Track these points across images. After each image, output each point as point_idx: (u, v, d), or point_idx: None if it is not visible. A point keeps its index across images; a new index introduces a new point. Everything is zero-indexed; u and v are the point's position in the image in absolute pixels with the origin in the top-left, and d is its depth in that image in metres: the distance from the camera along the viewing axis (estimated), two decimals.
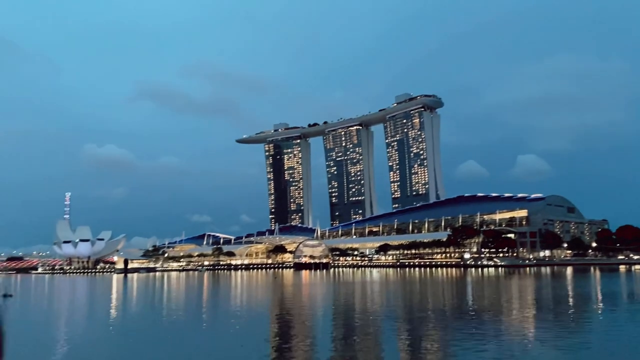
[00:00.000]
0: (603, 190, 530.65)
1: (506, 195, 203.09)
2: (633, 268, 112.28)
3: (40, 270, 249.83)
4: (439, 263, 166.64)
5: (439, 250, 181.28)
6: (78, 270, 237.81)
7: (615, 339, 18.08)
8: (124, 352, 17.35)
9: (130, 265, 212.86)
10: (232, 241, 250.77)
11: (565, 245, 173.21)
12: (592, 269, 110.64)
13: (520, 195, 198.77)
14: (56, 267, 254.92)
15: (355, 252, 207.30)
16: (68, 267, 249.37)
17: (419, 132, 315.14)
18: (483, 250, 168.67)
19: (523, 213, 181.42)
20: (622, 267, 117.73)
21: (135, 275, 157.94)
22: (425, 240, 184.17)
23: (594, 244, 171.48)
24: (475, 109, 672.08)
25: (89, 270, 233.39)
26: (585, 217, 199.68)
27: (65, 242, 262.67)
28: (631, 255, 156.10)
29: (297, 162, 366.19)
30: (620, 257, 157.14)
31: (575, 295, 39.86)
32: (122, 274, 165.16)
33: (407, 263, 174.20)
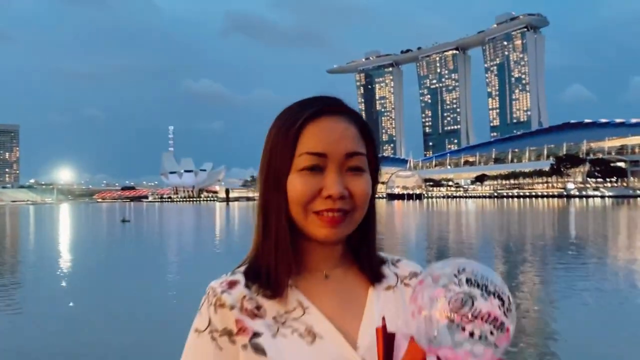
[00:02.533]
0: None
1: (617, 121, 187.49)
2: None
3: (150, 199, 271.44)
4: (539, 194, 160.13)
5: (540, 181, 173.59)
6: (184, 199, 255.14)
7: None
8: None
9: (231, 195, 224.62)
10: None
11: None
12: None
13: (634, 120, 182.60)
14: (164, 196, 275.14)
15: (450, 183, 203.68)
16: (175, 196, 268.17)
17: (521, 55, 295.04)
18: (589, 180, 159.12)
19: (636, 140, 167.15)
20: None
21: (236, 203, 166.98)
22: (525, 170, 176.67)
23: None
24: (584, 26, 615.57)
25: (194, 199, 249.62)
26: None
27: (171, 172, 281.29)
28: None
29: (389, 91, 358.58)
30: None
31: None
32: (225, 202, 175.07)
33: (505, 194, 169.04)
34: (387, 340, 0.76)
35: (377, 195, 0.86)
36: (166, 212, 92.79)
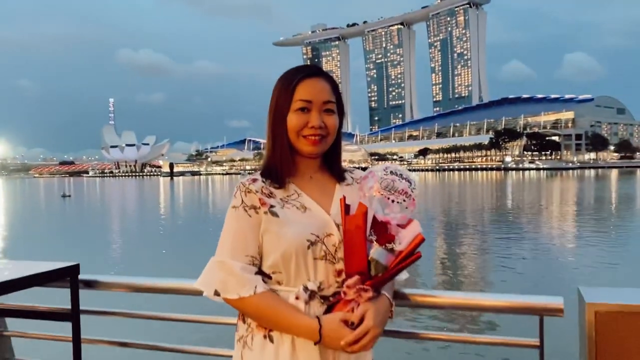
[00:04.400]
0: None
1: (553, 96, 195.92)
2: None
3: (91, 173, 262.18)
4: (479, 167, 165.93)
5: (479, 154, 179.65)
6: (127, 174, 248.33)
7: None
8: (172, 248, 18.64)
9: (175, 169, 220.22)
10: None
11: (612, 147, 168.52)
12: (639, 171, 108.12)
13: (567, 96, 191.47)
14: (105, 171, 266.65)
15: (395, 157, 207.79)
16: (117, 171, 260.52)
17: (463, 31, 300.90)
18: (525, 153, 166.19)
19: (569, 115, 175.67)
20: None
21: (181, 178, 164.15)
22: (466, 144, 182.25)
23: None
24: (524, 3, 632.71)
25: (137, 174, 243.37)
26: (635, 119, 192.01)
27: (112, 146, 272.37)
28: None
29: (336, 65, 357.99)
30: None
31: (616, 197, 39.54)
32: (169, 177, 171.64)
33: (446, 167, 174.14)
34: (346, 206, 1.49)
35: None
36: (108, 187, 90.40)
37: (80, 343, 2.14)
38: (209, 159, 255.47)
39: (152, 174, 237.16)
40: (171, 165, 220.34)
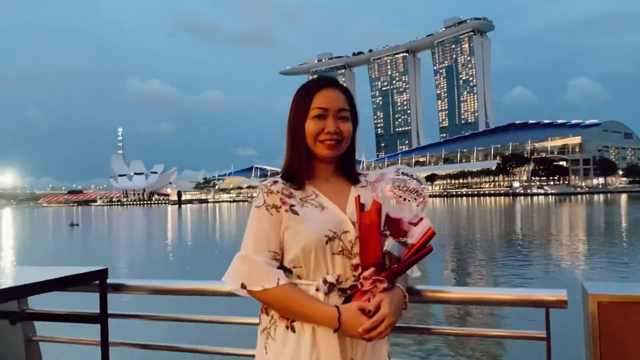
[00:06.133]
0: None
1: (559, 121, 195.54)
2: None
3: (99, 202, 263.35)
4: (487, 192, 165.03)
5: (487, 180, 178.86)
6: (135, 202, 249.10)
7: None
8: (180, 275, 18.48)
9: (183, 197, 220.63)
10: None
11: (621, 172, 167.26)
12: None
13: (574, 121, 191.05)
14: (114, 200, 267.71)
15: None
16: (125, 200, 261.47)
17: (468, 58, 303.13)
18: (533, 178, 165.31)
19: (576, 140, 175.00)
20: None
21: (188, 206, 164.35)
22: (473, 170, 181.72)
23: None
24: (526, 30, 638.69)
25: (145, 202, 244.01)
26: None
27: (120, 175, 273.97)
28: None
29: None
30: None
31: (628, 222, 39.03)
32: (177, 205, 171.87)
33: (454, 193, 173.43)
34: (360, 205, 1.56)
35: None
36: (116, 216, 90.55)
37: (108, 346, 2.21)
38: (217, 187, 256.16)
39: (160, 202, 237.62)
40: (179, 194, 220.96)
